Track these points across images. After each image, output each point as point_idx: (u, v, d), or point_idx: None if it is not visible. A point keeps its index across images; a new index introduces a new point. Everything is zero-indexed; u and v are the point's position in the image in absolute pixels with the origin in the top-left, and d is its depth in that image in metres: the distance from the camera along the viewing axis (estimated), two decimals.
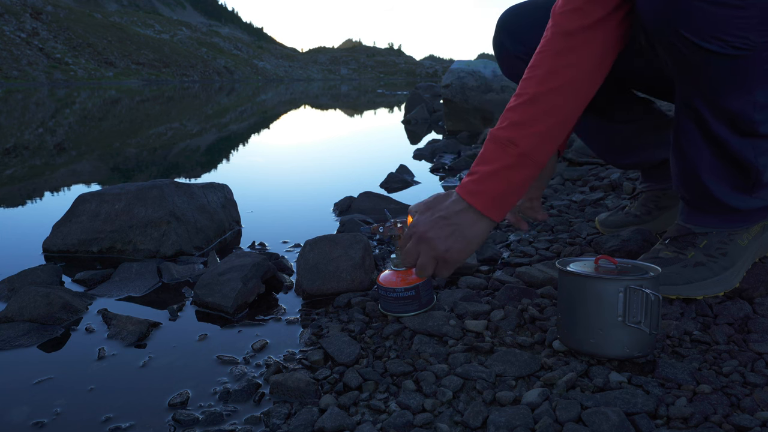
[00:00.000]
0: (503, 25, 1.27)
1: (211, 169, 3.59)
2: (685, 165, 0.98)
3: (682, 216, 1.06)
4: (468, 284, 1.21)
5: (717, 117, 0.89)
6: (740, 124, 0.88)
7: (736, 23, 0.77)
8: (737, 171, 0.94)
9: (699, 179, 0.97)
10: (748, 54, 0.80)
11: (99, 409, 0.88)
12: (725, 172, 0.95)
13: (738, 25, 0.77)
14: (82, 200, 1.73)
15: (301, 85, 44.54)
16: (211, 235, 1.78)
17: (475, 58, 5.44)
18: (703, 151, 0.94)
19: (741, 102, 0.86)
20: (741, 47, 0.79)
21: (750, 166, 0.92)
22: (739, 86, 0.84)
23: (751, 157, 0.91)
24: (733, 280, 1.01)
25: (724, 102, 0.87)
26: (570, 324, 0.87)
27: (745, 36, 0.78)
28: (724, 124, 0.89)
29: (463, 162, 3.02)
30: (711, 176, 0.95)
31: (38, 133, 5.88)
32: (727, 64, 0.81)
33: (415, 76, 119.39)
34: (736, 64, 0.81)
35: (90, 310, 1.26)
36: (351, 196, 2.20)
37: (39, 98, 14.70)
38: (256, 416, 0.84)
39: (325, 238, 1.30)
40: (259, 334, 1.12)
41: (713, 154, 0.94)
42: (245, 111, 10.13)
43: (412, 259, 0.98)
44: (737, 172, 0.94)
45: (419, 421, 0.77)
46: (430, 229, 0.94)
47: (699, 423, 0.72)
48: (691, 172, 0.97)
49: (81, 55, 60.86)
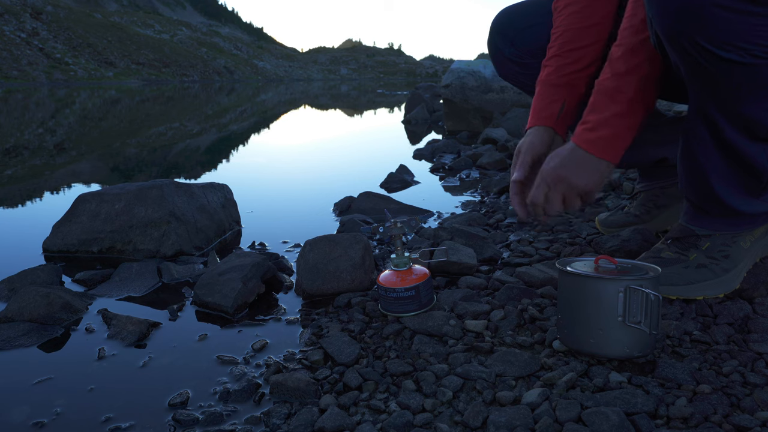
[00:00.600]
0: (497, 27, 1.28)
1: (211, 169, 3.59)
2: (695, 168, 0.97)
3: (685, 217, 1.06)
4: (468, 284, 1.21)
5: (732, 123, 0.87)
6: (755, 129, 0.86)
7: (755, 31, 0.74)
8: (748, 175, 0.93)
9: (708, 183, 0.96)
10: (766, 62, 0.77)
11: (99, 409, 0.88)
12: (735, 177, 0.94)
13: (757, 33, 0.74)
14: (82, 200, 1.73)
15: (301, 85, 44.55)
16: (211, 235, 1.78)
17: (475, 58, 5.44)
18: (715, 156, 0.93)
19: (757, 108, 0.84)
20: (760, 56, 0.76)
21: (762, 170, 0.91)
22: (756, 93, 0.82)
23: (763, 162, 0.90)
24: (734, 282, 1.01)
25: (740, 108, 0.85)
26: (570, 324, 0.87)
27: (764, 44, 0.75)
28: (737, 130, 0.88)
29: (462, 162, 3.02)
30: (720, 180, 0.94)
31: (38, 133, 5.88)
32: (745, 72, 0.79)
33: (415, 76, 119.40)
34: (755, 72, 0.78)
35: (90, 310, 1.26)
36: (351, 196, 2.20)
37: (39, 98, 14.70)
38: (256, 416, 0.84)
39: (325, 238, 1.30)
40: (259, 334, 1.12)
41: (724, 160, 0.92)
42: (245, 111, 10.13)
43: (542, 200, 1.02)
44: (747, 177, 0.93)
45: (419, 421, 0.77)
46: (564, 170, 0.99)
47: (699, 423, 0.72)
48: (700, 175, 0.96)
49: (81, 55, 60.86)
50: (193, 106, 11.53)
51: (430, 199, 2.35)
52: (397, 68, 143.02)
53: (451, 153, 3.51)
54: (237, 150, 4.58)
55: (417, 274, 1.08)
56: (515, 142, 3.18)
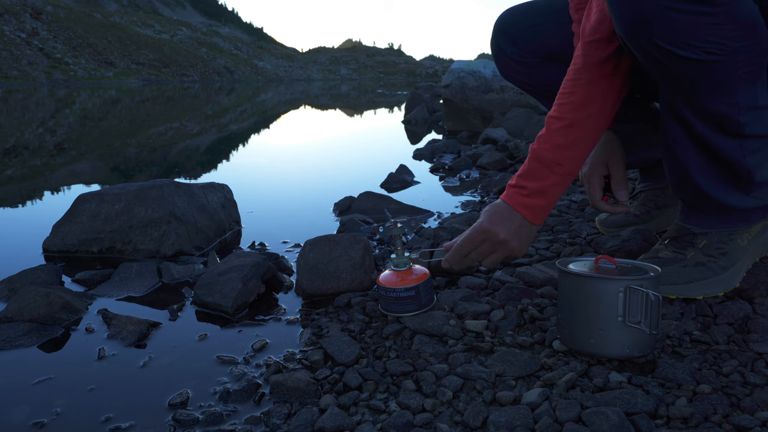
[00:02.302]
0: (500, 27, 1.29)
1: (211, 169, 3.59)
2: (677, 165, 0.99)
3: (681, 216, 1.06)
4: (468, 284, 1.21)
5: (701, 119, 0.90)
6: (725, 125, 0.89)
7: (709, 29, 0.78)
8: (728, 171, 0.94)
9: (692, 180, 0.97)
10: (724, 59, 0.81)
11: (99, 409, 0.88)
12: (718, 173, 0.95)
13: (711, 31, 0.78)
14: (82, 200, 1.73)
15: (301, 85, 44.55)
16: (211, 235, 1.78)
17: (475, 58, 5.44)
18: (691, 151, 0.95)
19: (724, 105, 0.87)
20: (716, 53, 0.80)
21: (740, 165, 0.92)
22: (720, 90, 0.85)
23: (739, 157, 0.91)
24: (733, 280, 1.01)
25: (707, 105, 0.87)
26: (570, 324, 0.87)
27: (719, 42, 0.79)
28: (708, 126, 0.90)
29: (462, 162, 3.02)
30: (704, 177, 0.96)
31: (38, 133, 5.88)
32: (706, 70, 0.82)
33: (415, 76, 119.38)
34: (714, 68, 0.82)
35: (90, 310, 1.26)
36: (351, 196, 2.20)
37: (39, 98, 14.70)
38: (256, 416, 0.84)
39: (325, 238, 1.30)
40: (259, 334, 1.12)
41: (702, 156, 0.94)
42: (245, 111, 10.13)
43: (482, 257, 1.06)
44: (728, 172, 0.94)
45: (419, 421, 0.77)
46: (505, 233, 1.03)
47: (699, 423, 0.72)
48: (682, 172, 0.98)
49: (81, 55, 60.86)
50: (193, 106, 11.53)
51: (430, 199, 2.35)
52: (397, 68, 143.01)
53: (451, 153, 3.51)
54: (237, 150, 4.58)
55: (417, 274, 1.08)
56: (515, 142, 3.18)
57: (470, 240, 1.04)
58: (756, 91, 0.86)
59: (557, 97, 1.01)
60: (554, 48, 1.23)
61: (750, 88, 0.85)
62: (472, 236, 1.04)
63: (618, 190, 1.14)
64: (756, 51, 0.82)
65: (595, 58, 0.96)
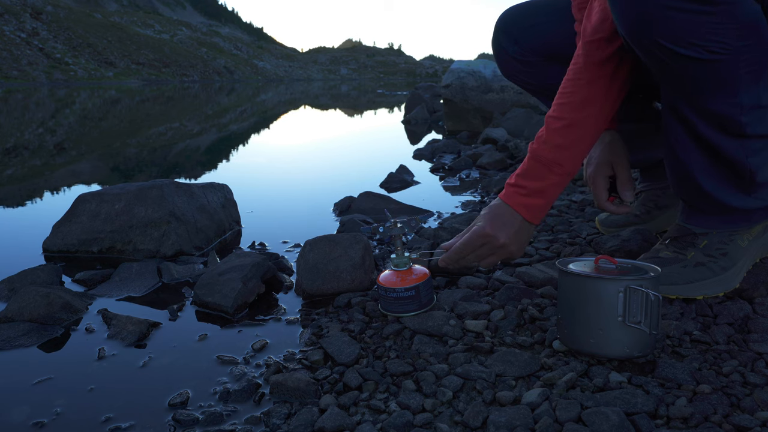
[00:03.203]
0: (501, 26, 1.29)
1: (211, 169, 3.59)
2: (678, 166, 0.99)
3: (682, 216, 1.06)
4: (468, 284, 1.21)
5: (703, 119, 0.90)
6: (727, 125, 0.89)
7: (711, 29, 0.78)
8: (730, 171, 0.94)
9: (694, 179, 0.97)
10: (727, 58, 0.81)
11: (99, 409, 0.88)
12: (720, 173, 0.95)
13: (713, 30, 0.78)
14: (82, 200, 1.73)
15: (301, 85, 44.55)
16: (211, 235, 1.78)
17: (475, 58, 5.44)
18: (693, 151, 0.95)
19: (726, 105, 0.86)
20: (718, 51, 0.80)
21: (742, 166, 0.92)
22: (722, 89, 0.85)
23: (741, 158, 0.91)
24: (733, 281, 1.01)
25: (709, 105, 0.87)
26: (570, 324, 0.87)
27: (721, 41, 0.79)
28: (710, 126, 0.90)
29: (462, 162, 3.02)
30: (706, 177, 0.96)
31: (38, 133, 5.88)
32: (708, 69, 0.82)
33: (415, 76, 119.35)
34: (717, 68, 0.82)
35: (90, 310, 1.26)
36: (351, 196, 2.20)
37: (39, 98, 14.70)
38: (256, 416, 0.84)
39: (325, 238, 1.30)
40: (259, 334, 1.12)
41: (705, 156, 0.94)
42: (245, 111, 10.13)
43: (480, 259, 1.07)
44: (730, 172, 0.94)
45: (419, 421, 0.77)
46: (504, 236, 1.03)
47: (699, 423, 0.72)
48: (684, 172, 0.98)
49: (81, 55, 60.85)
50: (193, 106, 11.53)
51: (430, 199, 2.35)
52: (397, 68, 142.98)
53: (451, 153, 3.51)
54: (237, 150, 4.58)
55: (417, 274, 1.08)
56: (515, 142, 3.18)
57: (470, 243, 1.04)
58: (758, 91, 0.86)
59: (557, 97, 1.01)
60: (556, 47, 1.23)
61: (752, 88, 0.85)
62: (472, 240, 1.04)
63: (624, 191, 1.13)
64: (758, 51, 0.82)
65: (595, 58, 0.96)
